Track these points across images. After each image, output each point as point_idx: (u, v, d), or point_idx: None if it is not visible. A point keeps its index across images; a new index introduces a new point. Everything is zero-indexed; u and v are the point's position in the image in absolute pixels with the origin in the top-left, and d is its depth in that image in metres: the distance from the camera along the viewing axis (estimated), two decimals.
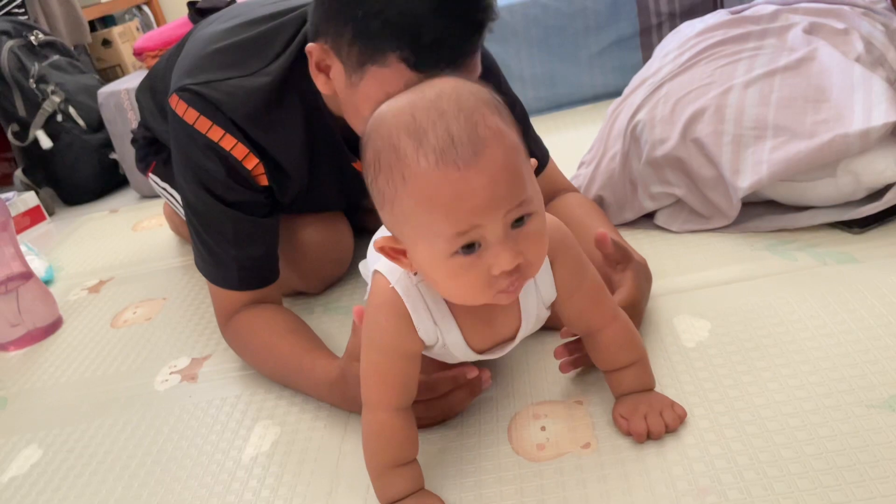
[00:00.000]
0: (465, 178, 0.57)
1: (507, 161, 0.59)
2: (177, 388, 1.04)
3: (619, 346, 0.76)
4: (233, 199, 0.96)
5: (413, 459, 0.72)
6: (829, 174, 1.03)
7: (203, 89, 0.92)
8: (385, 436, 0.71)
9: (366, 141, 0.63)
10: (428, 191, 0.58)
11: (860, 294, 0.90)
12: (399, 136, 0.59)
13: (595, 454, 0.75)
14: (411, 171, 0.58)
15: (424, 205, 0.59)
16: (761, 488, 0.66)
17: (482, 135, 0.58)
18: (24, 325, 1.28)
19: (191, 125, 0.92)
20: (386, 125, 0.60)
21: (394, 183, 0.60)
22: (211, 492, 0.82)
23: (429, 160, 0.57)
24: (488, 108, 0.60)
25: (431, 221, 0.59)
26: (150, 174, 1.37)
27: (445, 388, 0.80)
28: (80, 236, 1.82)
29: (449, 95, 0.60)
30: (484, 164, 0.58)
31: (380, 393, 0.71)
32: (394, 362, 0.70)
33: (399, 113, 0.60)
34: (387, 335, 0.69)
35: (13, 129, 2.07)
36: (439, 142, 0.57)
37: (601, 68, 1.90)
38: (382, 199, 0.62)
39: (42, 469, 0.93)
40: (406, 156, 0.58)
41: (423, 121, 0.58)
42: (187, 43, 1.06)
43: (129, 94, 1.89)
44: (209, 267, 1.00)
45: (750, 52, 1.19)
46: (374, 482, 0.73)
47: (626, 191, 1.20)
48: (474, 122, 0.58)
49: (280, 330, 0.96)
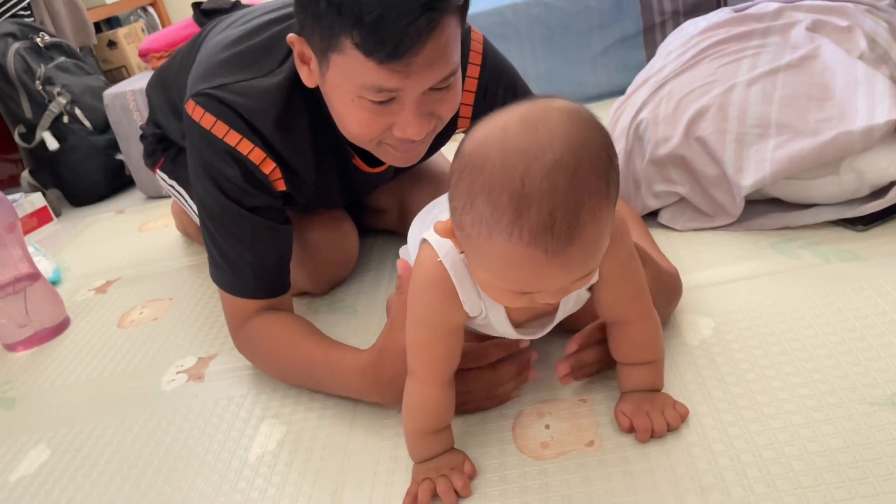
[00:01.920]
0: (550, 263, 0.58)
1: (594, 247, 0.59)
2: (183, 387, 1.05)
3: (642, 343, 0.76)
4: (250, 204, 0.95)
5: (447, 426, 0.77)
6: (833, 172, 1.03)
7: (219, 92, 0.92)
8: (427, 407, 0.75)
9: (462, 166, 0.60)
10: (509, 258, 0.59)
11: (864, 292, 0.90)
12: (501, 196, 0.56)
13: (599, 452, 0.75)
14: (500, 235, 0.57)
15: (500, 263, 0.60)
16: (764, 485, 0.66)
17: (582, 220, 0.57)
18: (31, 326, 1.29)
19: (208, 130, 0.92)
20: (490, 170, 0.57)
21: (478, 229, 0.59)
22: (218, 490, 0.83)
23: (522, 238, 0.56)
24: (601, 178, 0.58)
25: (500, 276, 0.62)
26: (157, 170, 1.38)
27: (496, 356, 0.82)
28: (86, 237, 1.83)
29: (566, 162, 0.56)
30: (571, 252, 0.58)
31: (425, 366, 0.74)
32: (440, 337, 0.73)
33: (509, 165, 0.56)
34: (432, 311, 0.71)
35: (20, 130, 2.08)
36: (539, 223, 0.56)
37: (604, 67, 1.90)
38: (460, 223, 0.61)
39: (50, 468, 0.94)
40: (500, 221, 0.57)
41: (532, 191, 0.56)
42: (200, 50, 1.06)
43: (134, 95, 1.90)
44: (224, 275, 0.98)
45: (753, 49, 1.19)
46: (408, 444, 0.77)
47: (630, 189, 1.21)
48: (581, 204, 0.56)
49: (300, 331, 0.96)
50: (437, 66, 0.78)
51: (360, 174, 1.08)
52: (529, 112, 0.59)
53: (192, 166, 0.97)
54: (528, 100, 0.62)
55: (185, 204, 1.33)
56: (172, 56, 1.26)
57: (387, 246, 1.35)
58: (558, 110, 0.59)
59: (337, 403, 0.92)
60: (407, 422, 0.77)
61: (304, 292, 1.21)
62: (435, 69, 0.78)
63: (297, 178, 1.00)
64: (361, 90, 0.79)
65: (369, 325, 1.09)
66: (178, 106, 1.19)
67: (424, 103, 0.82)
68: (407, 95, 0.80)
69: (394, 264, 1.27)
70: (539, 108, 0.59)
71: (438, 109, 0.84)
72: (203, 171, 0.95)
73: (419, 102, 0.81)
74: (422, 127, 0.83)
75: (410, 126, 0.82)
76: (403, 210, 1.30)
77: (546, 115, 0.58)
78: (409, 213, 1.29)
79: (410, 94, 0.80)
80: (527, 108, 0.60)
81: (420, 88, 0.80)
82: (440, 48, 0.77)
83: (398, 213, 1.32)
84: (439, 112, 0.85)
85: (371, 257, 1.32)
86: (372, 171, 1.08)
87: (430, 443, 0.76)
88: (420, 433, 0.76)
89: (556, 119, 0.58)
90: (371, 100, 0.80)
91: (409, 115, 0.81)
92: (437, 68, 0.78)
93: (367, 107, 0.81)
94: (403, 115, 0.82)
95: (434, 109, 0.84)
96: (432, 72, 0.78)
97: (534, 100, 0.61)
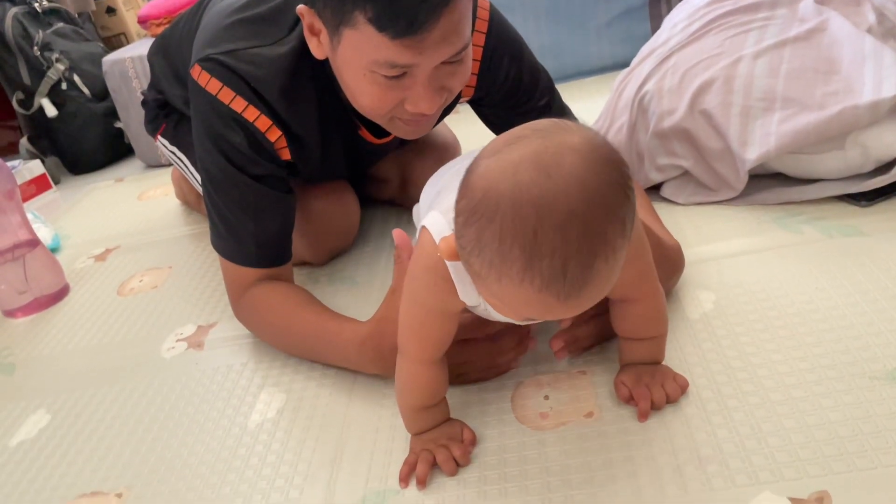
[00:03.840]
0: (560, 307, 0.56)
1: (607, 284, 0.58)
2: (183, 355, 1.05)
3: (646, 320, 0.76)
4: (255, 172, 0.94)
5: (442, 400, 0.77)
6: (838, 147, 1.02)
7: (226, 59, 0.90)
8: (418, 384, 0.75)
9: (472, 209, 0.56)
10: (517, 300, 0.58)
11: (866, 267, 0.90)
12: (513, 248, 0.54)
13: (598, 423, 0.75)
14: (511, 281, 0.55)
15: (509, 300, 0.58)
16: (763, 457, 0.67)
17: (597, 267, 0.54)
18: (31, 293, 1.28)
19: (214, 95, 0.91)
20: (502, 220, 0.54)
21: (488, 271, 0.56)
22: (217, 457, 0.83)
23: (533, 285, 0.55)
24: (616, 221, 0.55)
25: (507, 309, 0.61)
26: (158, 137, 1.37)
27: (496, 327, 0.82)
28: (86, 205, 1.82)
29: (581, 214, 0.53)
30: (584, 297, 0.56)
31: (416, 346, 0.73)
32: (433, 319, 0.72)
33: (520, 217, 0.53)
34: (430, 294, 0.70)
35: (18, 96, 2.06)
36: (551, 274, 0.54)
37: (609, 39, 1.88)
38: (468, 261, 0.59)
39: (50, 434, 0.94)
40: (510, 269, 0.55)
41: (544, 245, 0.53)
42: (205, 16, 1.05)
43: (133, 62, 1.88)
44: (226, 243, 0.98)
45: (760, 22, 1.17)
46: (404, 418, 0.77)
47: (633, 162, 1.20)
48: (595, 253, 0.54)
49: (300, 301, 0.95)
50: (450, 40, 0.77)
51: (365, 145, 1.08)
52: (542, 151, 0.55)
53: (197, 132, 0.96)
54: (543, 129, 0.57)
55: (186, 171, 1.33)
56: (175, 21, 1.25)
57: (387, 217, 1.34)
58: (574, 151, 0.54)
59: (336, 373, 0.93)
60: (400, 399, 0.77)
61: (304, 262, 1.21)
62: (448, 44, 0.78)
63: (303, 148, 0.99)
64: (374, 65, 0.78)
65: (369, 295, 1.09)
66: (181, 72, 1.18)
67: (436, 77, 0.81)
68: (419, 70, 0.79)
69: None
70: (553, 145, 0.55)
71: (449, 83, 0.84)
72: (208, 136, 0.94)
73: (431, 77, 0.81)
74: (434, 101, 0.83)
75: (423, 100, 0.82)
76: (405, 180, 1.29)
77: (560, 157, 0.54)
78: (410, 183, 1.28)
79: (423, 69, 0.79)
80: (540, 146, 0.55)
81: (433, 63, 0.79)
82: (453, 23, 0.76)
83: (400, 183, 1.31)
84: (450, 85, 0.84)
85: (372, 228, 1.31)
86: (378, 141, 1.07)
87: (424, 417, 0.76)
88: (413, 409, 0.76)
89: (571, 162, 0.54)
90: (383, 75, 0.79)
91: (421, 89, 0.81)
92: (450, 43, 0.78)
93: (380, 81, 0.80)
94: (416, 90, 0.81)
95: (445, 83, 0.83)
96: (446, 47, 0.78)
97: (549, 132, 0.56)
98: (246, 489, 0.78)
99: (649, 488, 0.66)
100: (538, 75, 1.05)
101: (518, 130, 0.58)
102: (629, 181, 0.57)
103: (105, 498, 0.81)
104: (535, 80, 1.04)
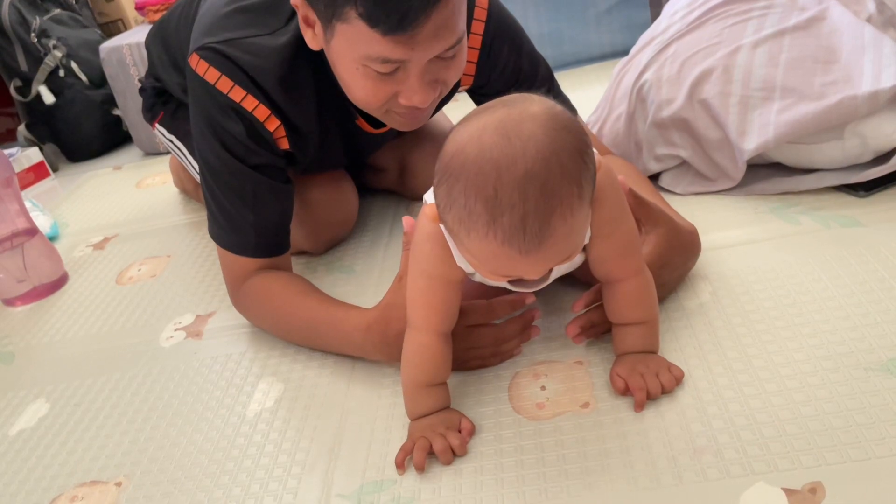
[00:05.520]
0: (523, 261, 0.62)
1: (565, 242, 0.63)
2: (182, 344, 1.06)
3: (633, 301, 0.77)
4: (253, 161, 0.94)
5: (443, 382, 0.79)
6: (836, 137, 1.02)
7: (224, 48, 0.90)
8: (425, 356, 0.76)
9: (443, 169, 0.63)
10: (486, 254, 0.63)
11: (863, 258, 0.90)
12: (476, 202, 0.60)
13: (594, 414, 0.76)
14: (477, 234, 0.61)
15: (480, 254, 0.64)
16: (758, 448, 0.67)
17: (553, 224, 0.60)
18: (29, 281, 1.29)
19: (212, 85, 0.91)
20: (466, 177, 0.61)
21: (459, 226, 0.63)
22: (216, 446, 0.84)
23: (496, 238, 0.60)
24: (572, 183, 0.61)
25: (481, 263, 0.66)
26: (156, 125, 1.36)
27: (504, 313, 0.83)
28: (84, 193, 1.82)
29: (537, 173, 0.59)
30: (543, 250, 0.61)
31: (424, 315, 0.75)
32: (437, 288, 0.74)
33: (482, 175, 0.60)
34: (431, 262, 0.73)
35: (15, 84, 2.05)
36: (512, 227, 0.60)
37: (608, 27, 1.87)
38: (443, 218, 0.65)
39: (50, 422, 0.95)
40: (476, 223, 0.61)
41: (504, 199, 0.59)
42: (202, 3, 1.04)
43: (131, 49, 1.87)
44: (224, 233, 0.98)
45: (760, 11, 1.17)
46: (406, 398, 0.78)
47: (631, 152, 1.20)
48: (551, 210, 0.60)
49: (302, 289, 0.95)
50: (442, 36, 0.77)
51: (363, 135, 1.07)
52: (506, 118, 0.61)
53: (195, 121, 0.96)
54: (508, 99, 0.63)
55: (183, 159, 1.32)
56: (172, 8, 1.24)
57: (385, 206, 1.34)
58: (533, 117, 0.61)
59: (335, 362, 0.93)
60: (404, 373, 0.77)
61: (302, 252, 1.21)
62: (440, 39, 0.77)
63: (301, 138, 0.99)
64: (366, 60, 0.79)
65: (367, 285, 1.10)
66: (178, 59, 1.17)
67: (429, 71, 0.81)
68: (412, 65, 0.79)
69: (392, 224, 1.27)
70: (515, 113, 0.61)
71: (443, 76, 0.84)
72: (206, 126, 0.93)
73: (424, 71, 0.81)
74: (427, 95, 0.83)
75: (416, 94, 0.82)
76: (403, 169, 1.29)
77: (521, 122, 0.60)
78: (409, 172, 1.28)
79: (416, 63, 0.79)
80: (504, 113, 0.61)
81: (425, 58, 0.79)
82: (445, 18, 0.76)
83: (398, 173, 1.31)
84: (444, 78, 0.84)
85: (369, 217, 1.31)
86: (375, 131, 1.07)
87: (426, 397, 0.77)
88: (417, 385, 0.77)
89: (530, 128, 0.60)
90: (376, 69, 0.79)
91: (414, 83, 0.81)
92: (442, 38, 0.77)
93: (372, 75, 0.81)
94: (409, 84, 0.81)
95: (439, 76, 0.83)
96: (438, 42, 0.77)
97: (512, 102, 0.63)
98: (244, 478, 0.78)
99: (644, 478, 0.67)
100: (537, 64, 1.04)
101: (490, 102, 0.64)
102: (587, 148, 0.63)
103: (104, 487, 0.82)
104: (535, 69, 1.04)
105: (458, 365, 0.84)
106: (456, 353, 0.80)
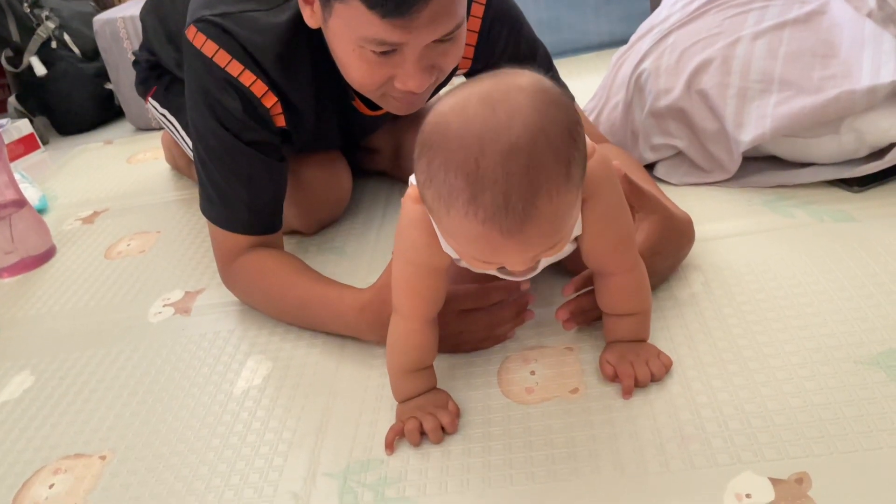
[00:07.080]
0: (505, 243, 0.58)
1: (551, 227, 0.59)
2: (170, 320, 1.05)
3: (626, 293, 0.76)
4: (249, 138, 0.93)
5: (430, 366, 0.78)
6: (833, 131, 1.02)
7: (222, 21, 0.89)
8: (410, 342, 0.75)
9: (423, 141, 0.59)
10: (466, 234, 0.59)
11: (855, 252, 0.90)
12: (457, 177, 0.56)
13: (582, 399, 0.76)
14: (457, 212, 0.57)
15: (460, 236, 0.60)
16: (745, 437, 0.67)
17: (538, 204, 0.56)
18: (17, 253, 1.27)
19: (209, 58, 0.89)
20: (446, 150, 0.57)
21: (438, 203, 0.59)
22: (202, 422, 0.83)
23: (477, 217, 0.56)
24: (559, 161, 0.57)
25: (462, 247, 0.62)
26: (149, 99, 1.35)
27: (497, 298, 0.82)
28: (74, 167, 1.80)
29: (522, 146, 0.55)
30: (527, 233, 0.57)
31: (409, 302, 0.74)
32: (423, 274, 0.72)
33: (465, 145, 0.56)
34: (416, 249, 0.71)
35: (6, 54, 2.03)
36: (493, 205, 0.55)
37: (608, 15, 1.87)
38: (423, 195, 0.61)
39: (34, 395, 0.94)
40: (457, 200, 0.57)
41: (486, 175, 0.55)
42: None
43: (125, 22, 1.85)
44: (216, 208, 0.96)
45: (760, 2, 1.16)
46: (392, 382, 0.78)
47: (627, 141, 1.19)
48: (537, 188, 0.56)
49: (295, 268, 0.95)
50: (440, 21, 0.76)
51: (359, 116, 1.07)
52: (492, 89, 0.57)
53: (190, 94, 0.94)
54: (496, 72, 0.60)
55: (176, 134, 1.31)
56: None
57: (378, 187, 1.33)
58: (521, 89, 0.57)
59: (324, 342, 0.92)
60: (390, 359, 0.77)
61: (294, 231, 1.20)
62: (439, 24, 0.76)
63: (297, 116, 0.98)
64: (363, 41, 0.78)
65: (358, 266, 1.09)
66: (174, 32, 1.16)
67: (426, 56, 0.80)
68: (409, 49, 0.78)
69: (385, 207, 1.26)
70: (503, 84, 0.58)
71: (440, 62, 0.83)
72: (202, 100, 0.92)
73: (421, 55, 0.80)
74: (423, 80, 0.82)
75: (412, 79, 0.81)
76: (398, 151, 1.29)
77: (508, 94, 0.57)
78: (403, 154, 1.27)
79: (413, 47, 0.78)
80: (491, 84, 0.58)
81: (422, 43, 0.78)
82: (445, 4, 0.75)
83: (392, 155, 1.30)
84: (441, 64, 0.83)
85: (362, 199, 1.30)
86: (372, 113, 1.06)
87: (412, 381, 0.77)
88: (402, 370, 0.77)
89: (518, 99, 0.56)
90: (372, 51, 0.78)
91: (410, 67, 0.80)
92: (440, 24, 0.77)
93: (369, 57, 0.80)
94: (405, 68, 0.80)
95: (436, 62, 0.83)
96: (436, 27, 0.77)
97: (501, 74, 0.59)
98: (230, 454, 0.78)
99: (631, 465, 0.67)
100: (536, 49, 1.04)
101: (477, 76, 0.60)
102: (577, 125, 0.59)
103: (88, 460, 0.81)
104: (533, 54, 1.03)
105: (451, 348, 0.83)
106: (449, 337, 0.80)
